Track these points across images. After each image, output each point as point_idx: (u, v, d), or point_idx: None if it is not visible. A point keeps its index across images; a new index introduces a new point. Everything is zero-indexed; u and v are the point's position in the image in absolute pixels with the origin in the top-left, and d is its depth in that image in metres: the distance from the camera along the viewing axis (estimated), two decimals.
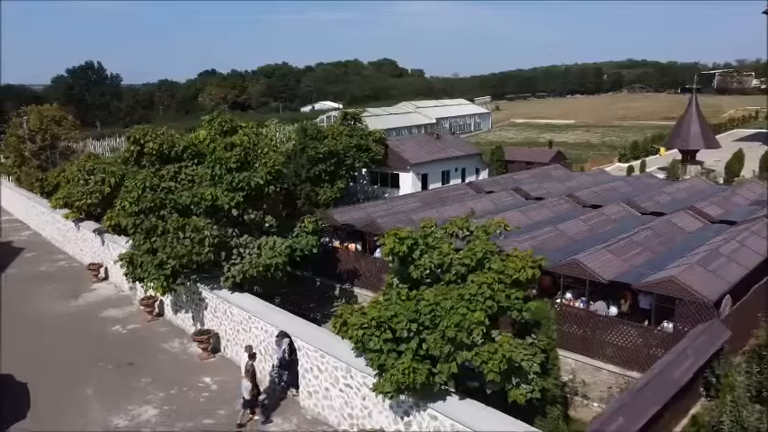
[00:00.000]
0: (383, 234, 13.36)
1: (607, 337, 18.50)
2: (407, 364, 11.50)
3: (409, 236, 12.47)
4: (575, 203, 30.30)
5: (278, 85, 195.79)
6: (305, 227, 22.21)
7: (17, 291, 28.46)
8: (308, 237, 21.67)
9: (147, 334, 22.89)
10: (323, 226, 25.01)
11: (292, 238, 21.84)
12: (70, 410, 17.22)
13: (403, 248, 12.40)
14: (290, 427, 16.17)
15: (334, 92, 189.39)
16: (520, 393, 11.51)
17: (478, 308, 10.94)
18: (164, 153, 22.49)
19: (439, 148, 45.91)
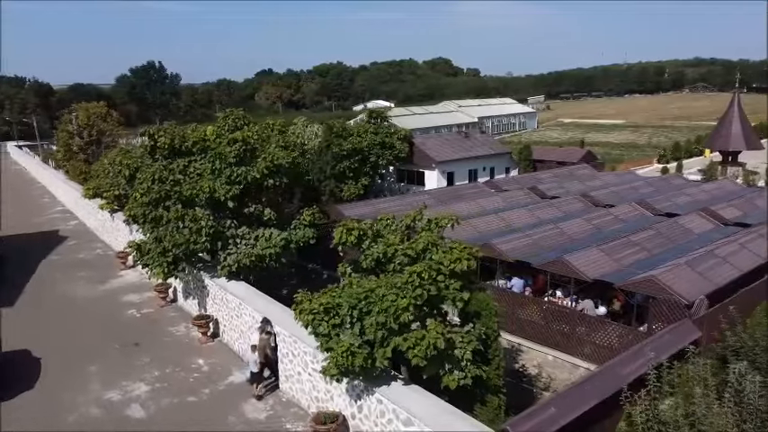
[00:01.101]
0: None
1: (586, 335, 18.52)
2: (346, 346, 12.11)
3: (357, 227, 13.06)
4: (587, 203, 30.04)
5: (332, 84, 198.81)
6: (303, 219, 23.05)
7: (54, 276, 30.63)
8: (306, 229, 22.48)
9: (158, 318, 24.30)
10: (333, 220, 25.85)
11: (290, 230, 22.72)
12: (72, 385, 18.63)
13: (351, 239, 13.01)
14: (265, 407, 17.03)
15: (387, 91, 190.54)
16: (452, 379, 11.94)
17: (408, 295, 11.43)
18: (175, 147, 23.81)
19: (466, 146, 46.05)
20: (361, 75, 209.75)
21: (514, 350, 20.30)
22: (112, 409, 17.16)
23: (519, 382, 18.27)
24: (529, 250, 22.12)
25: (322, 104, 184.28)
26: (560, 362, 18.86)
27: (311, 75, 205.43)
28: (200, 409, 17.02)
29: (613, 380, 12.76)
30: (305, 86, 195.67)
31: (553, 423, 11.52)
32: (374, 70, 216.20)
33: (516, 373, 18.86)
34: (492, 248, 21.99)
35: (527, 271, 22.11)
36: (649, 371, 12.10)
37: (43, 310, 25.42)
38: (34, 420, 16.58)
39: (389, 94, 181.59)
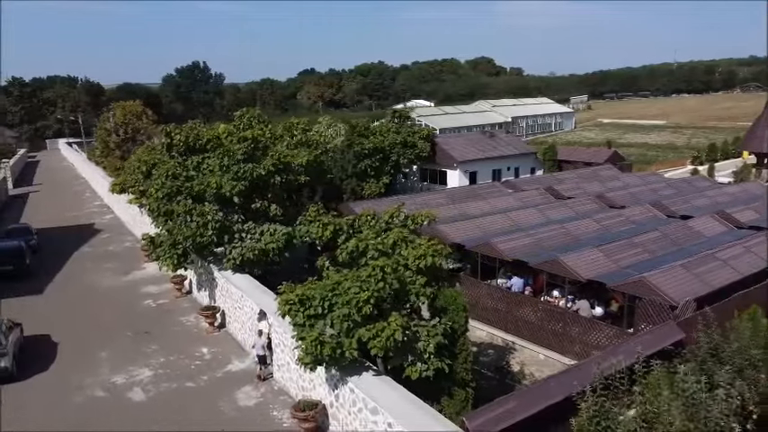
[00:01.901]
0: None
1: (576, 335, 18.58)
2: (314, 336, 12.64)
3: (332, 222, 13.56)
4: (601, 204, 29.78)
5: (373, 83, 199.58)
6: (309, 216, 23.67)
7: (83, 266, 32.25)
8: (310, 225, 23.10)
9: (172, 308, 25.37)
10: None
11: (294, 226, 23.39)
12: (83, 368, 19.76)
13: (327, 233, 13.53)
14: (257, 395, 17.74)
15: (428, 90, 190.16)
16: (414, 371, 12.32)
17: (371, 288, 11.86)
18: (189, 145, 24.81)
19: (490, 146, 46.00)
20: (403, 74, 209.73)
21: (508, 348, 20.48)
22: (116, 392, 18.18)
23: (503, 378, 18.44)
24: (529, 250, 22.21)
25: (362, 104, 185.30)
26: (551, 360, 18.96)
27: (352, 74, 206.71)
28: (195, 395, 17.86)
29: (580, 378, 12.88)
30: (346, 86, 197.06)
31: (511, 417, 11.77)
32: (415, 70, 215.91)
33: (501, 369, 19.05)
34: (491, 247, 22.17)
35: (529, 271, 22.19)
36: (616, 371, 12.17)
37: (68, 298, 26.88)
38: (43, 400, 17.71)
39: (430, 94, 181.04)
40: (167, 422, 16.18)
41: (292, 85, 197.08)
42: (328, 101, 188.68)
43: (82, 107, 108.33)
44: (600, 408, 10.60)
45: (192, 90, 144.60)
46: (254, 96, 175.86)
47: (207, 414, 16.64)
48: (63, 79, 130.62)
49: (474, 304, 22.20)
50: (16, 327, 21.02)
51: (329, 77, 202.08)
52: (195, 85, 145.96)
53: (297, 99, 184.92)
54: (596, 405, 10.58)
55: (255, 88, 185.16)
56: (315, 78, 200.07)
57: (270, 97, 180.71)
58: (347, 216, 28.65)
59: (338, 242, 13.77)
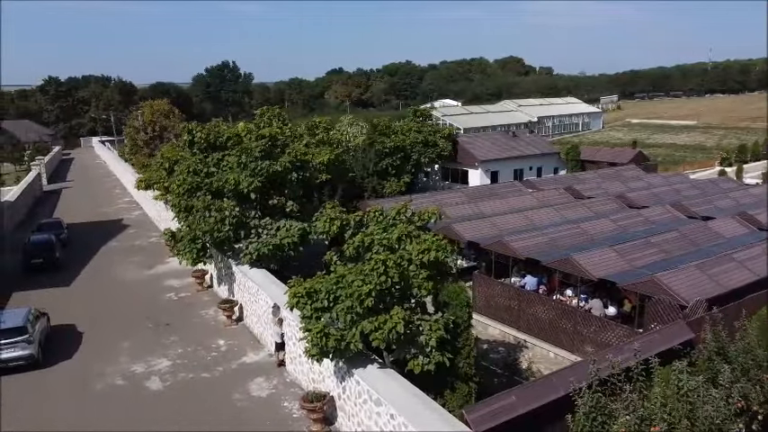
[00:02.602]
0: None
1: (587, 334, 18.57)
2: (319, 328, 12.97)
3: (338, 217, 13.87)
4: (621, 204, 29.56)
5: (400, 83, 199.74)
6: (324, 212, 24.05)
7: (110, 260, 33.20)
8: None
9: (192, 302, 26.00)
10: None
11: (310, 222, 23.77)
12: (105, 357, 20.45)
13: (333, 228, 13.84)
14: (269, 386, 18.16)
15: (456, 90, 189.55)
16: (416, 364, 12.55)
17: (373, 281, 12.12)
18: (210, 142, 25.38)
19: (513, 146, 45.88)
20: (430, 74, 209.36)
21: (519, 346, 20.54)
22: (134, 380, 18.79)
23: (512, 375, 18.53)
24: (543, 249, 22.22)
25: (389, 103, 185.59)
26: (561, 359, 18.98)
27: (380, 74, 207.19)
28: (210, 385, 18.35)
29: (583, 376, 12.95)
30: (373, 85, 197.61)
31: (510, 411, 11.91)
32: (443, 69, 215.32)
33: (510, 366, 19.13)
34: (505, 246, 22.25)
35: (543, 270, 22.21)
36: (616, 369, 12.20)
37: (94, 291, 27.75)
38: (65, 386, 18.42)
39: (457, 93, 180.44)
40: (182, 411, 16.69)
41: (320, 84, 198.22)
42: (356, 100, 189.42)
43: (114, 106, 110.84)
44: (596, 404, 10.69)
45: (221, 89, 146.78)
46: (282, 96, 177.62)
47: (220, 404, 17.09)
48: (97, 79, 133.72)
49: (487, 302, 22.35)
50: (43, 316, 21.84)
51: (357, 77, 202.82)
52: (224, 85, 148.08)
53: (324, 98, 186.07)
54: (593, 401, 10.67)
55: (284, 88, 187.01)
56: (342, 78, 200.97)
57: (298, 97, 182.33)
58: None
59: (345, 237, 14.07)
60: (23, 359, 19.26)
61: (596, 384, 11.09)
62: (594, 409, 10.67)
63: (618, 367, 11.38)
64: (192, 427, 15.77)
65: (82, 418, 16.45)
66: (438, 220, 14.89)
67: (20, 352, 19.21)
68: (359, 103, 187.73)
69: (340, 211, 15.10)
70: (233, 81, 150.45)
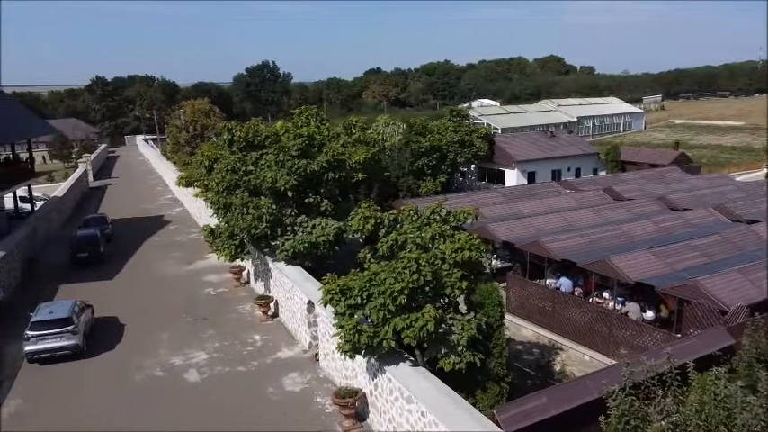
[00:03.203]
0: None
1: (622, 338, 18.28)
2: (353, 324, 13.12)
3: (373, 215, 13.99)
4: (662, 206, 28.95)
5: (438, 82, 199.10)
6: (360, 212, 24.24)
7: (151, 255, 34.08)
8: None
9: (230, 297, 26.52)
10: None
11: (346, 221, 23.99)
12: (145, 349, 21.06)
13: (368, 226, 13.97)
14: (303, 381, 18.42)
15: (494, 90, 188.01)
16: (447, 363, 12.58)
17: (405, 279, 12.20)
18: (249, 140, 25.86)
19: (551, 146, 45.34)
20: (468, 73, 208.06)
21: (554, 348, 20.34)
22: (173, 372, 19.30)
23: (546, 377, 18.36)
24: (579, 250, 21.94)
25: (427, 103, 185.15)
26: (595, 362, 18.73)
27: (418, 73, 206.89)
28: (246, 379, 18.72)
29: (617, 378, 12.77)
30: (411, 85, 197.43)
31: (542, 412, 11.85)
32: (481, 69, 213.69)
33: (543, 368, 18.96)
34: (540, 246, 22.05)
35: (579, 271, 21.93)
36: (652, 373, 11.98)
37: (136, 285, 28.56)
38: (107, 376, 19.04)
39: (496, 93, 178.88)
40: (218, 403, 17.08)
41: (358, 84, 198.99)
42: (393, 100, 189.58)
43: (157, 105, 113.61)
44: (629, 407, 10.54)
45: (260, 89, 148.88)
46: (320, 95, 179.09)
47: (255, 397, 17.43)
48: (141, 79, 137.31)
49: (521, 303, 22.19)
50: (87, 308, 22.59)
51: (394, 77, 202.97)
52: (264, 85, 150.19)
53: (362, 98, 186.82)
54: (626, 404, 10.53)
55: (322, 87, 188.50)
56: (380, 78, 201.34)
57: (335, 96, 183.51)
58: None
59: (379, 235, 14.19)
60: (69, 349, 19.97)
61: (629, 388, 10.93)
62: (628, 413, 10.52)
63: (652, 371, 11.19)
64: (228, 420, 16.13)
65: (121, 408, 16.99)
66: (474, 220, 14.85)
67: (65, 342, 19.92)
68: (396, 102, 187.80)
69: (374, 209, 15.21)
70: (272, 81, 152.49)
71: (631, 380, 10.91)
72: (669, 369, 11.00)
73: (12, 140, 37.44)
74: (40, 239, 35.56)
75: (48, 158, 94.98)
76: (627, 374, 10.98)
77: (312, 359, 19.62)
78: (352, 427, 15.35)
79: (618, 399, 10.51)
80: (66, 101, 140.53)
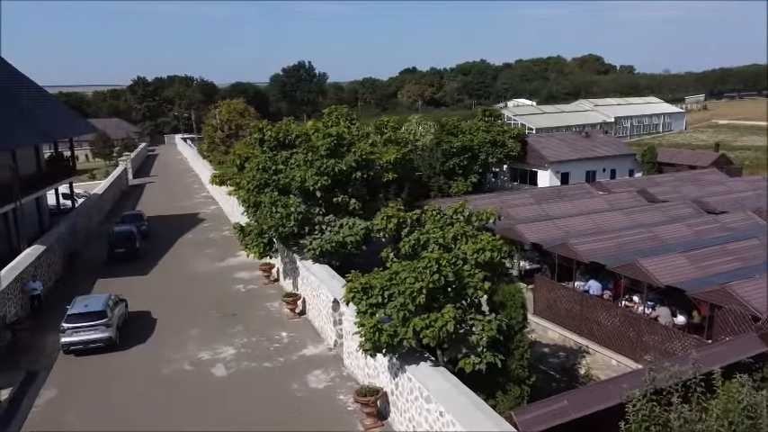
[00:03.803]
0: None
1: (651, 343, 17.92)
2: (373, 323, 13.20)
3: (395, 215, 14.04)
4: (697, 209, 28.23)
5: (474, 82, 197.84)
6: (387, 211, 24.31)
7: (185, 252, 34.84)
8: None
9: (259, 294, 26.92)
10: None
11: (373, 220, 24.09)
12: (175, 343, 21.55)
13: (390, 226, 14.03)
14: (327, 378, 18.59)
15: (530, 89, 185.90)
16: (467, 363, 12.55)
17: (426, 279, 12.21)
18: (279, 140, 26.20)
19: (585, 147, 44.63)
20: (505, 73, 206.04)
21: (581, 351, 20.05)
22: (200, 366, 19.71)
23: (571, 380, 18.11)
24: (609, 252, 21.58)
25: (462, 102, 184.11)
26: (623, 366, 18.39)
27: (454, 73, 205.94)
28: (271, 374, 19.00)
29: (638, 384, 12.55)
30: (447, 85, 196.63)
31: (561, 416, 11.72)
32: (518, 68, 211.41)
33: (567, 371, 18.70)
34: (568, 248, 21.76)
35: (609, 274, 21.57)
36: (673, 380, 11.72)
37: (169, 280, 29.25)
38: (137, 368, 19.56)
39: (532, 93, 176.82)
40: (243, 398, 17.39)
41: (393, 83, 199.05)
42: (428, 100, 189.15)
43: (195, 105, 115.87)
44: (650, 413, 10.35)
45: (296, 89, 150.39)
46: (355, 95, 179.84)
47: (279, 393, 17.66)
48: (181, 79, 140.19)
49: (548, 305, 21.95)
50: (121, 302, 23.23)
51: (430, 76, 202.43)
52: (300, 85, 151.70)
53: (397, 98, 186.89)
54: (646, 410, 10.34)
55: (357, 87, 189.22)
56: (416, 77, 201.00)
57: (371, 96, 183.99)
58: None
59: (401, 235, 14.24)
60: (102, 341, 20.57)
61: (651, 393, 10.73)
62: (648, 419, 10.34)
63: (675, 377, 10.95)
64: (251, 415, 16.40)
65: (147, 400, 17.43)
66: (497, 220, 14.77)
67: (99, 334, 20.53)
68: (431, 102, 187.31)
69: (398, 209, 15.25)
70: (308, 81, 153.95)
71: (653, 385, 10.71)
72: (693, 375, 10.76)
73: (54, 139, 38.68)
74: (80, 235, 36.69)
75: (90, 156, 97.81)
76: (649, 380, 10.78)
77: (337, 357, 19.80)
78: (373, 426, 15.44)
79: (638, 404, 10.33)
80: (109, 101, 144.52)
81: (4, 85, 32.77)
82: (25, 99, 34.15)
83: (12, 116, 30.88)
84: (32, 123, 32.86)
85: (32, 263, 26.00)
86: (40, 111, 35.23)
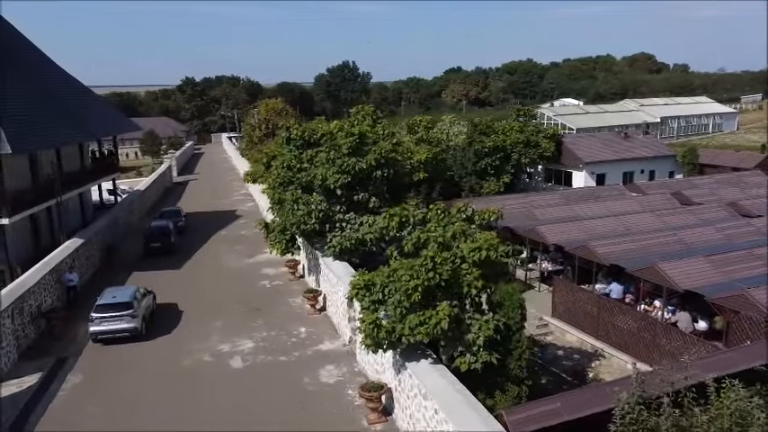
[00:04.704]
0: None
1: (667, 348, 17.51)
2: (372, 319, 13.39)
3: (398, 213, 14.18)
4: (732, 212, 27.29)
5: (519, 81, 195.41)
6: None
7: (217, 248, 35.75)
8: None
9: (284, 290, 27.45)
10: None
11: None
12: (198, 335, 22.23)
13: (393, 224, 14.18)
14: (338, 374, 18.87)
15: (578, 89, 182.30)
16: (463, 362, 12.59)
17: (421, 277, 12.30)
18: (305, 139, 26.63)
19: (623, 147, 43.65)
20: (552, 72, 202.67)
21: (596, 354, 19.73)
22: (219, 358, 20.29)
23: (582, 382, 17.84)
24: (631, 255, 21.15)
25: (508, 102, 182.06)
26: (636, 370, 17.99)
27: (499, 72, 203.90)
28: (285, 368, 19.42)
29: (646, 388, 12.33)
30: (492, 84, 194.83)
31: (552, 417, 11.65)
32: (566, 67, 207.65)
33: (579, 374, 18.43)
34: (589, 250, 21.42)
35: (631, 278, 21.14)
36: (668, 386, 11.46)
37: (199, 275, 30.13)
38: (160, 358, 20.29)
39: (579, 93, 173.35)
40: (255, 389, 17.85)
41: (438, 83, 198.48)
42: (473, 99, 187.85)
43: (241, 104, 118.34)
44: (638, 416, 10.19)
45: (340, 89, 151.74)
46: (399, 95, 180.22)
47: (290, 387, 18.03)
48: (228, 79, 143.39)
49: (567, 308, 21.67)
50: (149, 294, 24.07)
51: (475, 76, 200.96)
52: (344, 84, 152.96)
53: (441, 98, 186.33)
54: (634, 413, 10.18)
55: (402, 87, 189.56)
56: (460, 77, 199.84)
57: (415, 96, 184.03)
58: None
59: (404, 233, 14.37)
60: (128, 331, 21.40)
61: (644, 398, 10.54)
62: (636, 423, 10.18)
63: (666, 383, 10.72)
64: (260, 406, 16.81)
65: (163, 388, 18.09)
66: (498, 219, 14.73)
67: (125, 324, 21.36)
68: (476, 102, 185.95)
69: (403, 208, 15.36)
70: (352, 80, 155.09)
71: (642, 389, 10.54)
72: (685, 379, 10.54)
73: (98, 137, 40.28)
74: (121, 230, 38.10)
75: (140, 154, 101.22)
76: (638, 384, 10.61)
77: (350, 353, 20.06)
78: (376, 421, 15.62)
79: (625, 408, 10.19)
80: (161, 100, 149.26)
81: (50, 86, 34.33)
82: (70, 98, 35.68)
83: (56, 115, 32.33)
84: (76, 122, 34.32)
85: (70, 255, 27.21)
86: (85, 110, 36.77)
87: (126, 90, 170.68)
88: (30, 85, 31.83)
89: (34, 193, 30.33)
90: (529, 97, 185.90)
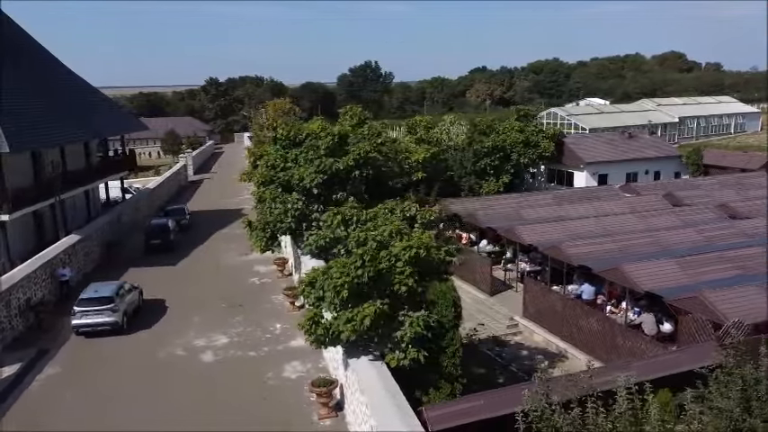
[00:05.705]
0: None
1: (623, 349, 17.44)
2: (309, 316, 13.71)
3: (341, 212, 14.46)
4: (720, 214, 26.84)
5: (545, 81, 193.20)
6: None
7: (215, 246, 36.54)
8: None
9: (270, 287, 27.97)
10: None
11: None
12: (176, 330, 22.85)
13: (335, 222, 14.49)
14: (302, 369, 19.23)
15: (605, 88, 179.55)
16: (392, 358, 12.81)
17: (351, 274, 12.57)
18: (290, 138, 27.06)
19: (627, 148, 43.13)
20: (579, 71, 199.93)
21: (560, 356, 19.70)
22: (192, 352, 20.87)
23: None
24: (600, 256, 21.00)
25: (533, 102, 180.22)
26: None
27: (525, 72, 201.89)
28: (253, 363, 19.90)
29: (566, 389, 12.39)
30: (517, 83, 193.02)
31: (473, 414, 11.80)
32: (593, 66, 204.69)
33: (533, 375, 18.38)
34: (559, 251, 21.38)
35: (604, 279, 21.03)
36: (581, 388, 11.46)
37: (193, 271, 30.87)
38: (135, 351, 20.95)
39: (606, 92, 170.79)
40: (218, 383, 18.33)
41: (462, 83, 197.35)
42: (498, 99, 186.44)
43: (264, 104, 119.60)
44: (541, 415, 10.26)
45: (362, 89, 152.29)
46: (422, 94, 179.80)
47: (253, 381, 18.49)
48: (252, 79, 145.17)
49: (536, 308, 21.67)
50: (135, 290, 24.76)
51: (500, 75, 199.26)
52: (366, 84, 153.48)
53: (465, 97, 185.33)
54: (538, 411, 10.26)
55: (426, 86, 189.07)
56: (485, 76, 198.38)
57: (438, 95, 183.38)
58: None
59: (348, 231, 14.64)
60: (108, 325, 22.09)
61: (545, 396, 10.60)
62: (540, 420, 10.26)
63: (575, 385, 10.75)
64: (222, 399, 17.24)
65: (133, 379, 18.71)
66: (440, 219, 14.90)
67: (106, 318, 22.06)
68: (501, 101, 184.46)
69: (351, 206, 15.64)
70: (374, 80, 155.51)
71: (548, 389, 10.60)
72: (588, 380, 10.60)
73: (104, 136, 41.39)
74: (126, 227, 39.12)
75: (162, 153, 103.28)
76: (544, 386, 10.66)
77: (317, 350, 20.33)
78: (326, 416, 15.96)
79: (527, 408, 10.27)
80: (186, 100, 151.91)
81: (54, 85, 35.41)
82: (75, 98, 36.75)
83: (59, 114, 33.35)
84: (80, 121, 35.35)
85: (65, 251, 28.13)
86: (91, 109, 37.79)
87: (154, 90, 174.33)
88: (32, 85, 32.90)
89: (36, 190, 31.35)
90: (555, 96, 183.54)
